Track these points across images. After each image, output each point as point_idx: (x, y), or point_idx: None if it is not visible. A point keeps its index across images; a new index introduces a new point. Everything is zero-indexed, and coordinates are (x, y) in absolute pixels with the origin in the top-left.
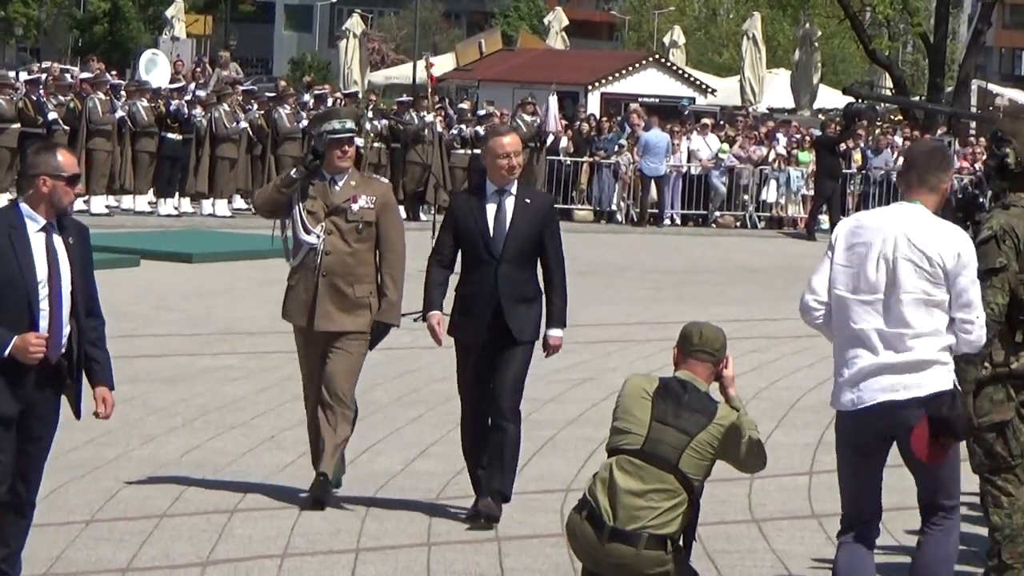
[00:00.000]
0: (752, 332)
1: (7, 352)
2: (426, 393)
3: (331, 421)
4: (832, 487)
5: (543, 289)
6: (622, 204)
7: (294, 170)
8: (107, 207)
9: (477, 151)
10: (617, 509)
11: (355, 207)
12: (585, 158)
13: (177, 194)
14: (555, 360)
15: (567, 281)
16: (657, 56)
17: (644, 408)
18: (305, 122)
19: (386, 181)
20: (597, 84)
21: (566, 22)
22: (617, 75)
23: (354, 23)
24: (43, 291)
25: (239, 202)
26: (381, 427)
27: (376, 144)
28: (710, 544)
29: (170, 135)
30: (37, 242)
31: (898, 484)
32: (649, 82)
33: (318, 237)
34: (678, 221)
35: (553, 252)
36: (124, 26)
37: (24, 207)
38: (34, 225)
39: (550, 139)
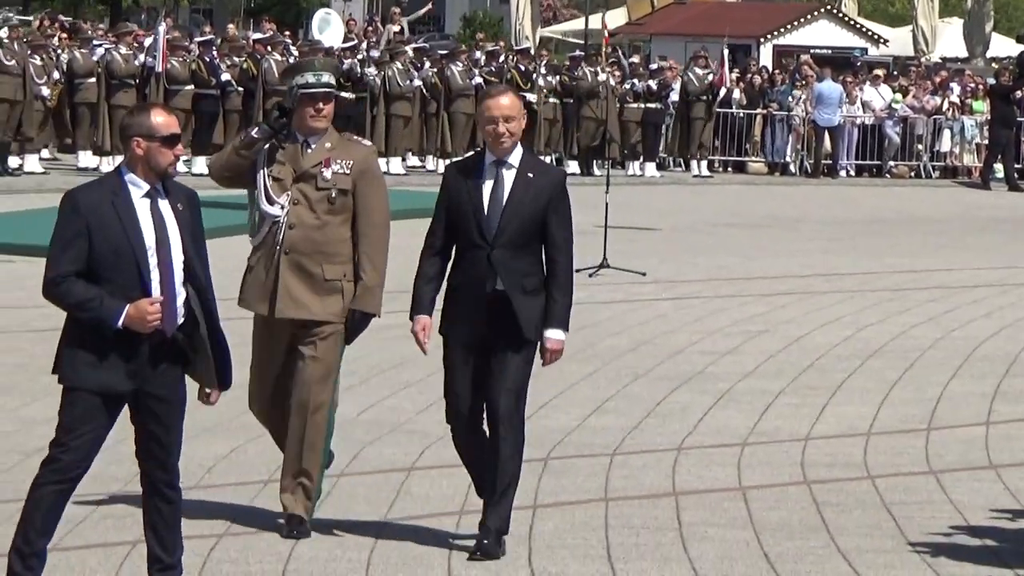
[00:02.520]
0: (928, 282)
1: (121, 322)
2: (601, 348)
3: (304, 440)
4: (1010, 437)
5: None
6: (796, 155)
7: (255, 129)
8: None
9: (650, 105)
10: None
11: (327, 173)
12: (758, 110)
13: None
14: (731, 312)
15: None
16: (829, 7)
17: None
18: (479, 79)
19: (369, 144)
20: (769, 36)
21: None
22: (789, 27)
23: None
24: (152, 259)
25: (413, 160)
26: (557, 383)
27: (550, 100)
28: (887, 496)
29: (343, 94)
30: (142, 208)
31: None
32: (821, 33)
33: (282, 208)
34: (852, 172)
35: (558, 239)
36: None
37: (127, 173)
38: (138, 191)
39: (722, 92)
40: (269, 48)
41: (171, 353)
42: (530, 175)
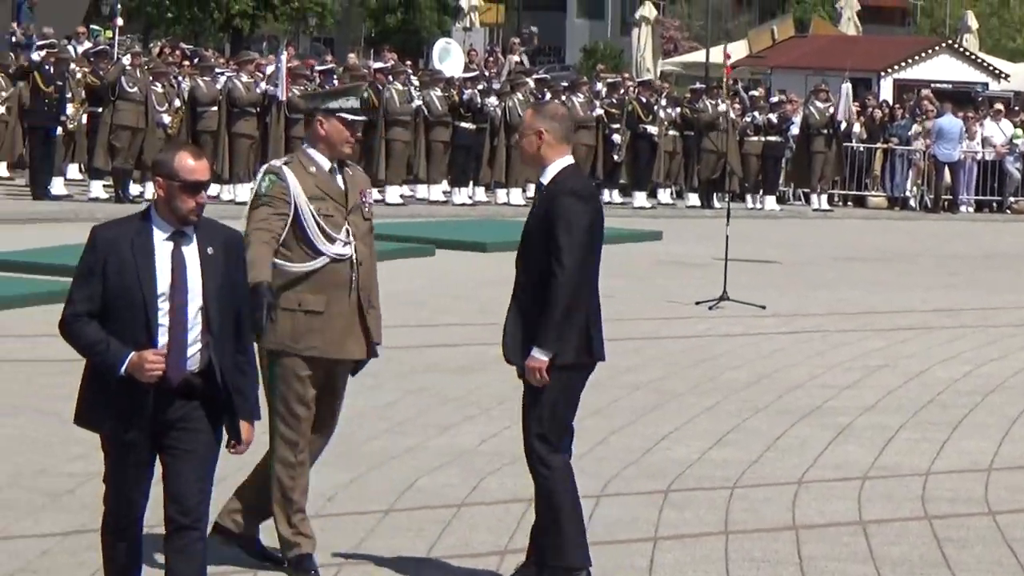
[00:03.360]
0: None
1: (124, 370)
2: (722, 382)
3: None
4: None
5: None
6: (916, 190)
7: (265, 311)
8: (401, 196)
9: (771, 138)
10: None
11: (368, 203)
12: (879, 144)
13: (471, 183)
14: (851, 347)
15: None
16: (950, 42)
17: None
18: (600, 111)
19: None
20: (890, 70)
21: (859, 7)
22: (910, 61)
23: (647, 10)
24: (164, 305)
25: (532, 191)
26: (677, 416)
27: (670, 132)
28: (1009, 532)
29: (463, 124)
30: (163, 251)
31: None
32: (942, 68)
33: (345, 244)
34: (971, 208)
35: (552, 252)
36: (418, 15)
37: (154, 213)
38: (161, 233)
39: (843, 126)
40: (390, 78)
41: (194, 393)
42: (545, 192)
